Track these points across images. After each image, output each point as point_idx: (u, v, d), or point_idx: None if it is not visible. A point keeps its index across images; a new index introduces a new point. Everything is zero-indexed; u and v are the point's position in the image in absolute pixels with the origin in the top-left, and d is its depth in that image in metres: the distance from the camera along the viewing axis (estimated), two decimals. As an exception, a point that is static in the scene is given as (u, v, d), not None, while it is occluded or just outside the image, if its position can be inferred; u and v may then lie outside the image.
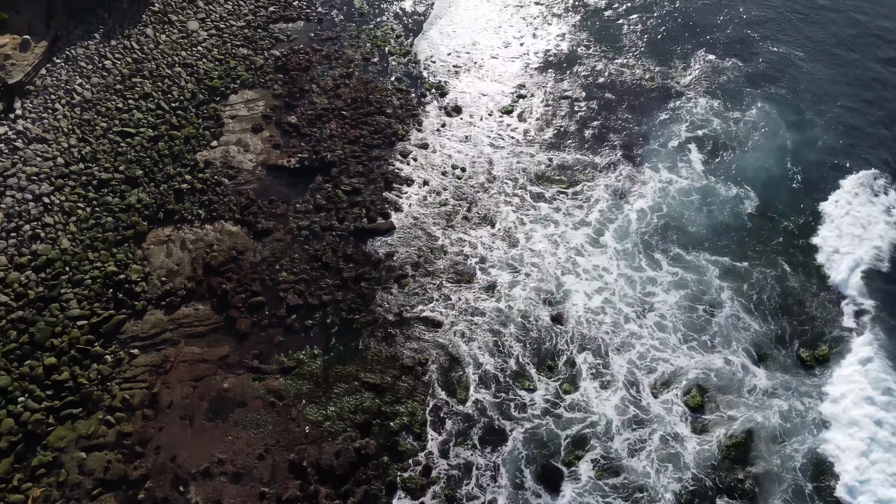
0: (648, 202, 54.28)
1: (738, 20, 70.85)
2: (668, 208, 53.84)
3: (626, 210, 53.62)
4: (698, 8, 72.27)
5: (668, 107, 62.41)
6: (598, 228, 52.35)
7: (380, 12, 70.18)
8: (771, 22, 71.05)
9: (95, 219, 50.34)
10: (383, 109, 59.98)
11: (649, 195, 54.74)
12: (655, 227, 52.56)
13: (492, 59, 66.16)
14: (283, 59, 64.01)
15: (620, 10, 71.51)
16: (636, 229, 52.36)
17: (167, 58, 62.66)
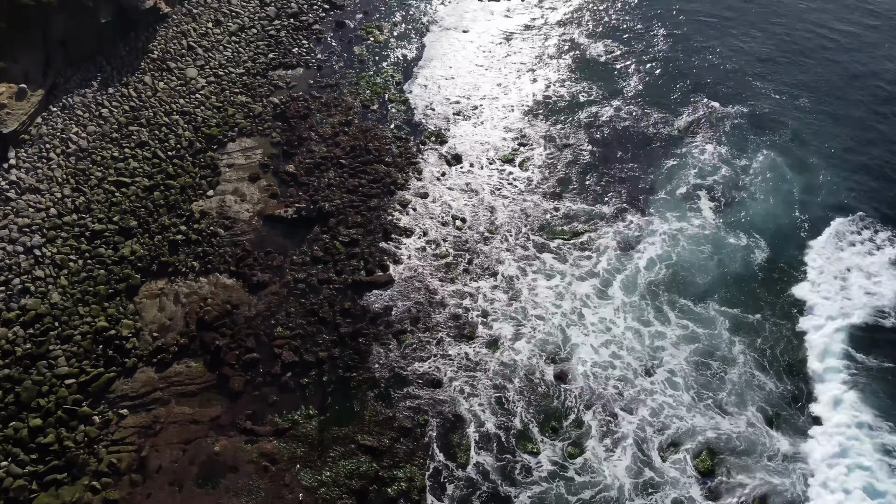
0: (657, 251, 53.88)
1: (738, 67, 71.35)
2: (678, 258, 53.42)
3: (634, 260, 53.14)
4: (698, 54, 72.78)
5: (673, 153, 62.40)
6: (604, 279, 51.77)
7: (380, 59, 70.68)
8: (771, 68, 71.51)
9: (87, 271, 49.83)
10: (382, 158, 59.94)
11: (658, 244, 54.32)
12: (664, 277, 52.05)
13: (490, 105, 66.43)
14: (282, 107, 64.26)
15: (618, 56, 72.04)
16: (645, 280, 51.80)
17: (165, 105, 62.90)
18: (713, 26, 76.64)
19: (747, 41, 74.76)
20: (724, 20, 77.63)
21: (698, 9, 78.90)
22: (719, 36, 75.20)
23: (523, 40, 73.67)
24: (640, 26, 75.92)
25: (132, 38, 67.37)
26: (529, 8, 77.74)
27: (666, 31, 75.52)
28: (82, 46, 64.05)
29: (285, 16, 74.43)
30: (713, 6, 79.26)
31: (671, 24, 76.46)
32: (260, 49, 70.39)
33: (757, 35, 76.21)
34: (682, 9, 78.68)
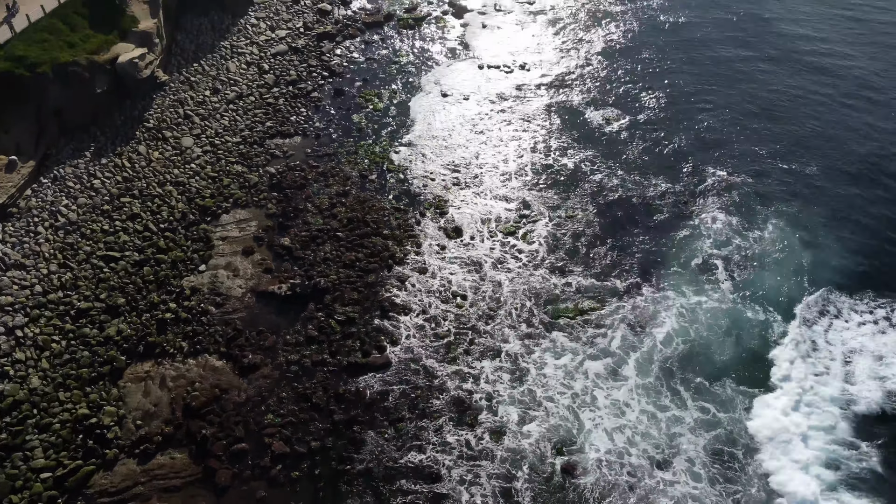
0: (673, 327, 52.76)
1: (744, 137, 71.27)
2: (696, 333, 52.39)
3: (648, 337, 51.90)
4: (701, 121, 72.87)
5: (682, 224, 61.75)
6: (618, 358, 50.38)
7: (379, 127, 70.74)
8: (778, 135, 71.37)
9: (70, 353, 48.42)
10: (380, 230, 59.16)
11: (674, 320, 53.23)
12: (681, 355, 50.78)
13: (491, 174, 66.09)
14: (279, 177, 63.91)
15: (619, 123, 72.09)
16: (660, 358, 50.49)
17: (159, 176, 62.56)
18: (714, 92, 76.94)
19: (752, 107, 74.94)
20: (725, 85, 77.95)
21: (697, 73, 79.39)
22: (722, 103, 75.40)
23: (522, 107, 73.88)
24: (639, 91, 76.29)
25: (128, 107, 67.54)
26: (527, 74, 78.22)
27: (665, 95, 75.85)
28: (77, 116, 64.15)
29: (284, 83, 74.94)
30: (712, 71, 79.72)
31: (670, 89, 76.86)
32: (257, 117, 70.54)
33: (762, 99, 76.41)
34: (681, 72, 79.25)
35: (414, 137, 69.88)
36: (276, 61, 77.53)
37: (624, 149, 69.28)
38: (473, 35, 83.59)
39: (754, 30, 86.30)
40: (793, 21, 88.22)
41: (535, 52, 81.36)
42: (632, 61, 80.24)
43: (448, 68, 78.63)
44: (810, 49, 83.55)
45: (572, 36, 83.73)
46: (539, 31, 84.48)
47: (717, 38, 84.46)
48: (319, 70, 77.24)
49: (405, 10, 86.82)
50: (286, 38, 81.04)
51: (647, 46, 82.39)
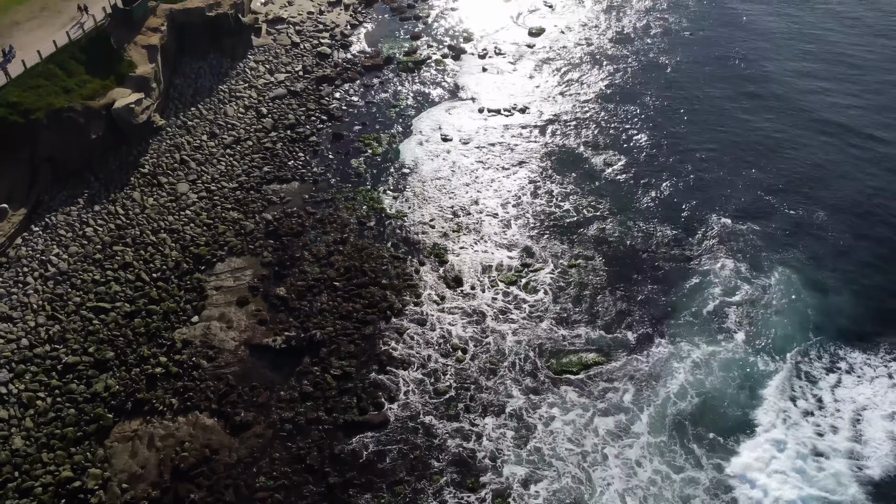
0: (688, 379, 51.65)
1: (748, 181, 70.64)
2: (710, 386, 51.31)
3: (661, 391, 50.73)
4: (704, 166, 72.26)
5: (689, 272, 60.86)
6: (629, 414, 49.13)
7: (378, 172, 70.18)
8: (784, 181, 70.67)
9: (56, 411, 47.03)
10: (378, 280, 58.11)
11: (687, 372, 52.12)
12: (695, 410, 49.58)
13: (491, 220, 65.34)
14: (275, 224, 63.10)
15: (622, 168, 71.53)
16: (673, 413, 49.35)
17: (153, 223, 61.75)
18: (716, 135, 76.51)
19: (755, 150, 74.42)
20: (726, 128, 77.55)
21: (698, 116, 79.07)
22: (724, 147, 74.94)
23: (523, 151, 73.44)
24: (639, 134, 75.89)
25: (123, 153, 67.06)
26: (528, 117, 77.98)
27: (666, 139, 75.43)
28: (71, 162, 63.66)
29: (282, 127, 74.65)
30: (713, 115, 79.42)
31: (671, 132, 76.51)
32: (255, 162, 70.03)
33: (765, 142, 75.89)
34: (682, 116, 78.94)
35: (413, 182, 69.27)
36: (275, 105, 77.38)
37: (626, 194, 68.59)
38: (473, 78, 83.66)
39: (756, 74, 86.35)
40: (794, 65, 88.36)
41: (535, 95, 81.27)
42: (632, 104, 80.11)
43: (448, 112, 78.43)
44: (813, 93, 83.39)
45: (572, 79, 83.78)
46: (539, 74, 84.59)
47: (719, 82, 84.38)
48: (318, 114, 77.03)
49: (404, 53, 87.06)
50: (285, 81, 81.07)
51: (647, 89, 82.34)
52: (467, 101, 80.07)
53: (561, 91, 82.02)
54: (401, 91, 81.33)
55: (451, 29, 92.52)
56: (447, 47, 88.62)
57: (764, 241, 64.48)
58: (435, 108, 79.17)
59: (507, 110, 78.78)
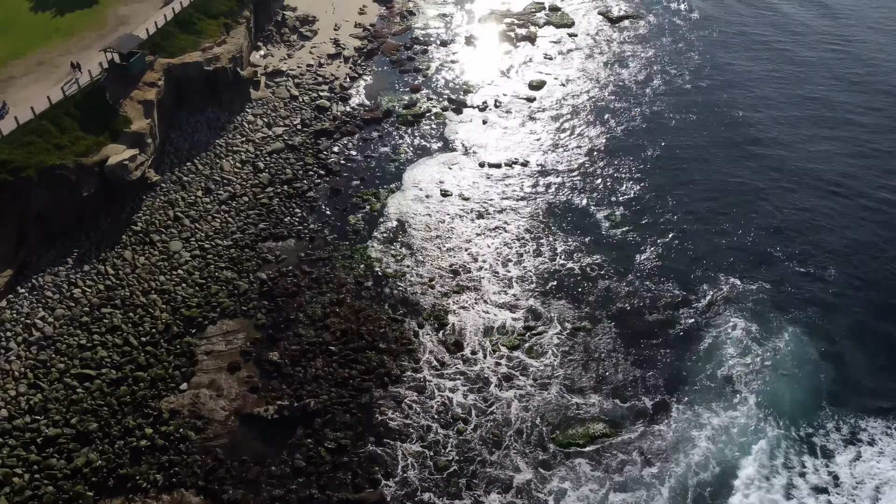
0: (707, 451, 49.84)
1: (757, 240, 69.24)
2: (730, 456, 49.49)
3: (682, 461, 48.44)
4: (713, 226, 70.82)
5: (702, 335, 59.41)
6: (649, 489, 47.00)
7: (375, 229, 68.79)
8: (792, 241, 69.22)
9: (33, 489, 44.77)
10: (376, 343, 56.23)
11: (704, 444, 50.25)
12: (716, 480, 47.69)
13: (493, 279, 63.80)
14: (270, 284, 61.48)
15: (629, 227, 70.13)
16: (695, 485, 47.34)
17: (143, 283, 60.14)
18: (723, 193, 75.34)
19: (764, 209, 73.19)
20: (733, 186, 76.45)
21: (704, 173, 78.04)
22: (732, 205, 73.69)
23: (525, 206, 72.26)
24: (644, 191, 74.80)
25: (116, 210, 65.84)
26: (529, 172, 76.97)
27: (672, 195, 74.32)
28: (61, 220, 62.53)
29: (279, 182, 73.59)
30: (719, 172, 78.36)
31: (677, 189, 75.43)
32: (250, 218, 68.72)
33: (773, 202, 74.57)
34: (688, 172, 77.94)
35: (412, 239, 67.85)
36: (272, 159, 76.49)
37: (631, 251, 67.11)
38: (473, 132, 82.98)
39: (760, 129, 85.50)
40: (797, 121, 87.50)
41: (536, 149, 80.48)
42: (633, 158, 79.20)
43: (448, 166, 77.48)
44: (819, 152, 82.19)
45: (573, 132, 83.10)
46: (540, 127, 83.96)
47: (722, 137, 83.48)
48: (316, 168, 76.07)
49: (404, 106, 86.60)
50: (283, 135, 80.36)
51: (648, 143, 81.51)
52: (467, 155, 79.22)
53: (562, 145, 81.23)
54: (400, 145, 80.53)
55: (451, 81, 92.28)
56: (447, 100, 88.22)
57: (774, 301, 62.85)
58: (435, 162, 78.24)
59: (508, 164, 77.85)
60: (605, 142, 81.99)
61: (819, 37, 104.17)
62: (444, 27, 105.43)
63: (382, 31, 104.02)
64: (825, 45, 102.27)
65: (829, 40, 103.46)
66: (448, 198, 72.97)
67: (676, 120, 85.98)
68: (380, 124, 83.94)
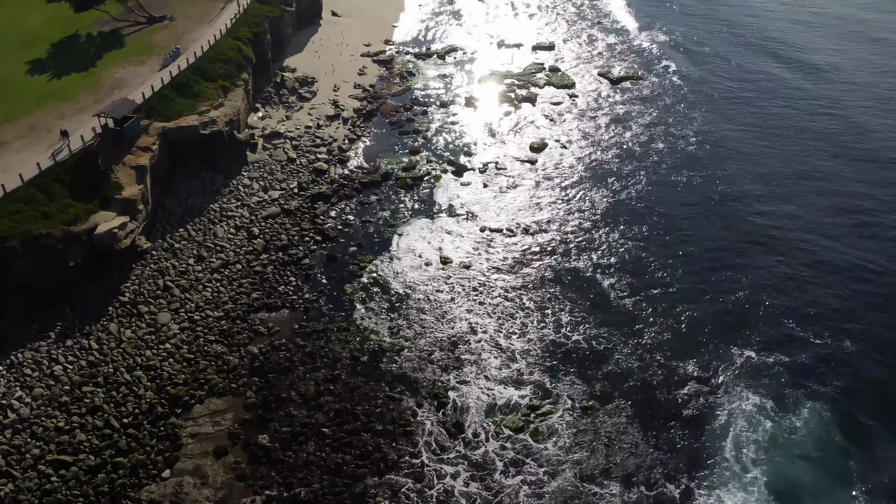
0: None
1: (770, 308, 66.97)
2: None
3: None
4: (722, 295, 68.52)
5: (716, 413, 56.99)
6: None
7: (372, 299, 66.53)
8: (806, 309, 66.89)
9: None
10: (371, 425, 53.39)
11: None
12: None
13: (494, 352, 61.39)
14: (261, 359, 58.88)
15: (636, 296, 67.76)
16: None
17: (128, 359, 57.62)
18: (731, 258, 73.29)
19: (775, 275, 71.01)
20: (741, 250, 74.39)
21: (711, 237, 76.01)
22: (741, 270, 71.62)
23: (527, 274, 70.16)
24: (650, 257, 72.67)
25: (103, 280, 63.56)
26: (531, 238, 75.01)
27: (679, 262, 72.20)
28: (45, 291, 60.28)
29: (274, 249, 71.58)
30: (726, 236, 76.35)
31: (683, 255, 73.34)
32: (243, 288, 66.47)
33: (784, 265, 72.45)
34: (694, 237, 75.83)
35: (410, 310, 65.46)
36: (267, 225, 74.65)
37: (639, 323, 64.63)
38: (474, 196, 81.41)
39: (771, 190, 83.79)
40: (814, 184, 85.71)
41: (539, 213, 78.73)
42: (640, 224, 77.30)
43: (447, 232, 75.61)
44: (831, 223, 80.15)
45: (576, 196, 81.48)
46: (542, 190, 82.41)
47: (730, 203, 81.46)
48: (312, 234, 74.10)
49: (403, 168, 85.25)
50: (279, 199, 78.76)
51: (656, 208, 79.71)
52: (468, 220, 77.41)
53: (565, 209, 79.52)
54: (399, 209, 78.83)
55: (451, 143, 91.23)
56: (447, 162, 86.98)
57: (792, 376, 60.33)
58: (434, 227, 76.40)
59: (510, 229, 76.00)
60: (608, 206, 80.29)
61: (814, 102, 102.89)
62: (443, 88, 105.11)
63: (382, 91, 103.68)
64: (821, 111, 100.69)
65: (824, 105, 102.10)
66: (448, 265, 70.81)
67: (680, 184, 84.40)
68: (378, 187, 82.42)
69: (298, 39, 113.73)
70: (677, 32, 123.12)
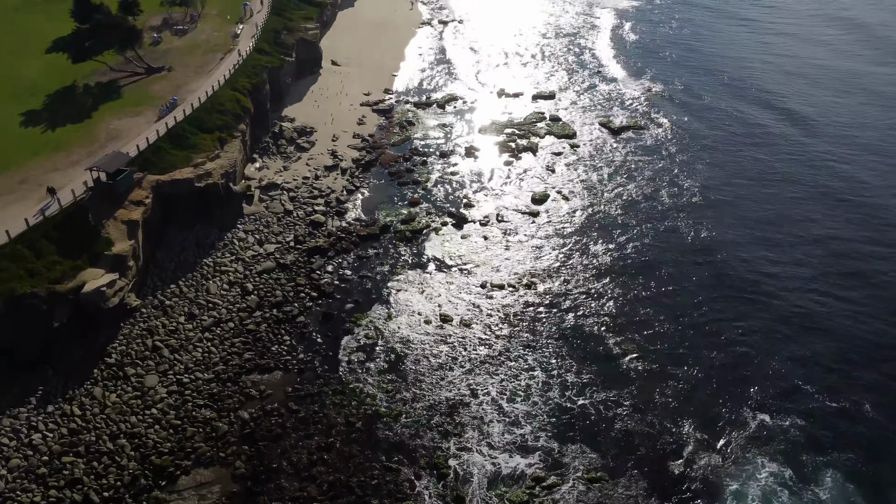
0: None
1: (783, 369, 64.36)
2: None
3: None
4: (733, 355, 65.89)
5: (730, 482, 53.94)
6: None
7: (369, 359, 64.04)
8: (821, 369, 64.40)
9: None
10: (367, 499, 50.65)
11: None
12: None
13: (497, 420, 58.82)
14: (252, 425, 56.25)
15: (644, 357, 64.87)
16: None
17: (111, 426, 55.07)
18: (742, 316, 70.79)
19: (787, 333, 68.48)
20: (752, 308, 71.98)
21: (720, 294, 73.60)
22: (753, 329, 69.09)
23: (530, 333, 67.71)
24: (657, 315, 70.20)
25: (89, 340, 61.26)
26: (534, 294, 72.79)
27: (688, 320, 69.77)
28: (28, 354, 58.03)
29: (268, 306, 69.34)
30: (736, 293, 73.91)
31: (692, 312, 70.83)
32: (235, 347, 64.09)
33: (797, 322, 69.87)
34: (703, 293, 73.52)
35: (408, 372, 62.96)
36: (262, 280, 72.54)
37: (647, 386, 62.07)
38: (475, 249, 79.46)
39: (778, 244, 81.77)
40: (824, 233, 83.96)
41: (541, 268, 76.68)
42: (645, 279, 75.08)
43: (447, 288, 73.45)
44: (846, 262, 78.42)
45: (580, 250, 79.48)
46: (544, 244, 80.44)
47: (738, 254, 79.48)
48: (308, 290, 71.90)
49: (402, 220, 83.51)
50: (274, 253, 76.82)
51: (661, 262, 77.55)
52: (468, 275, 75.34)
53: (568, 264, 77.49)
54: (397, 263, 76.79)
55: (451, 194, 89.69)
56: (447, 214, 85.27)
57: (809, 441, 57.72)
58: (434, 282, 74.27)
59: (511, 285, 73.82)
60: (611, 260, 78.25)
61: (816, 155, 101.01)
62: (443, 137, 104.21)
63: (381, 141, 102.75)
64: (820, 164, 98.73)
65: (823, 159, 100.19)
66: (448, 323, 68.44)
67: (686, 237, 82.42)
68: (377, 240, 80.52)
69: (298, 89, 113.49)
70: (676, 82, 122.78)
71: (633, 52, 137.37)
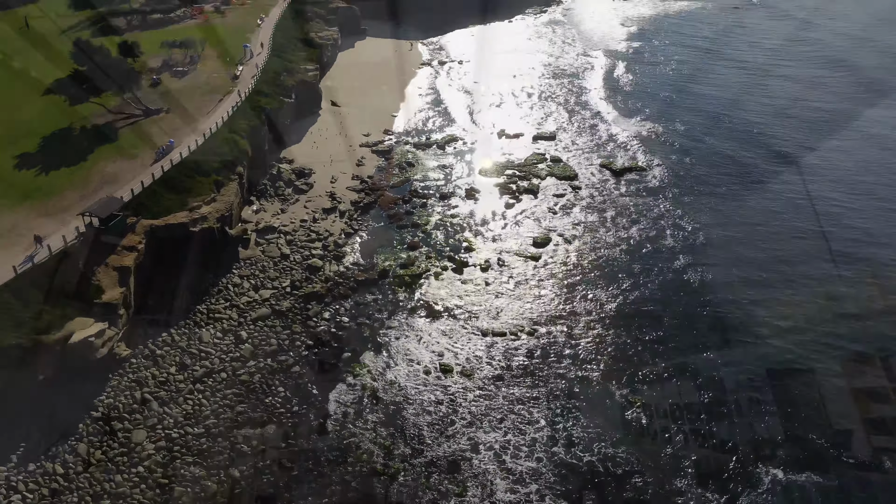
0: None
1: (796, 424, 61.60)
2: None
3: None
4: (745, 409, 63.30)
5: None
6: None
7: (367, 411, 61.48)
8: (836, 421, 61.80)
9: None
10: (364, 567, 47.40)
11: None
12: None
13: (499, 476, 56.38)
14: (242, 484, 53.59)
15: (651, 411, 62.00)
16: None
17: (95, 486, 52.57)
18: (753, 367, 68.17)
19: (799, 383, 65.94)
20: (760, 354, 69.59)
21: (728, 341, 71.21)
22: (760, 379, 66.28)
23: (532, 383, 65.25)
24: (665, 365, 67.51)
25: (76, 393, 58.86)
26: (537, 342, 70.57)
27: (696, 370, 67.17)
28: (9, 410, 55.48)
29: (262, 355, 67.11)
30: (746, 340, 71.51)
31: (700, 361, 68.21)
32: (227, 400, 61.72)
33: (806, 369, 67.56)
34: (711, 341, 70.86)
35: (408, 425, 60.48)
36: (256, 328, 70.38)
37: (659, 442, 59.50)
38: (476, 295, 77.43)
39: (785, 287, 79.88)
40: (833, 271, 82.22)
41: (544, 314, 74.52)
42: (651, 326, 72.82)
43: (447, 335, 71.25)
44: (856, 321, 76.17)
45: (583, 296, 77.36)
46: (546, 290, 78.42)
47: (746, 294, 77.47)
48: (304, 338, 69.68)
49: (401, 265, 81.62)
50: (270, 299, 74.77)
51: (668, 310, 75.02)
52: (469, 322, 73.14)
53: (571, 310, 75.34)
54: (396, 310, 74.67)
55: (451, 238, 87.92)
56: (447, 258, 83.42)
57: (825, 500, 54.52)
58: (433, 330, 72.05)
59: (513, 333, 71.59)
60: (616, 306, 76.12)
61: (819, 203, 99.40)
62: (443, 179, 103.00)
63: (380, 182, 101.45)
64: (823, 211, 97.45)
65: (826, 205, 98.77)
66: (448, 373, 66.05)
67: (693, 282, 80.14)
68: (375, 286, 78.49)
69: (297, 129, 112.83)
70: (677, 123, 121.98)
71: (633, 93, 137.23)
